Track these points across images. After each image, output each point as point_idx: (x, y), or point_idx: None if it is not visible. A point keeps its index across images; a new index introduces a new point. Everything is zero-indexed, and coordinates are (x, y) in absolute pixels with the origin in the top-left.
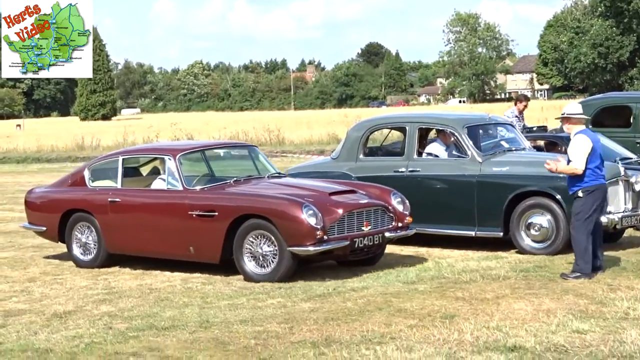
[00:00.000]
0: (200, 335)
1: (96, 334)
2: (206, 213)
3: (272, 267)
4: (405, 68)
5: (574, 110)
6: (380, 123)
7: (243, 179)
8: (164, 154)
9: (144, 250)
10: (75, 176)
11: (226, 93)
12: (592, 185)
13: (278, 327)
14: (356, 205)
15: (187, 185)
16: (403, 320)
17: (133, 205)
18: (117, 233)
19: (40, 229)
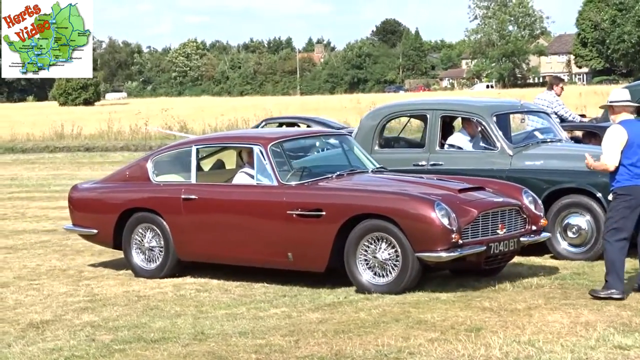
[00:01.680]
0: (194, 349)
1: (77, 346)
2: (311, 213)
3: (393, 276)
4: (425, 48)
5: (617, 97)
6: (397, 110)
7: (346, 172)
8: (252, 142)
9: (227, 257)
10: (135, 169)
11: (223, 76)
12: (624, 186)
13: (282, 340)
14: (491, 205)
15: (282, 180)
16: (423, 333)
17: (214, 203)
18: (191, 237)
19: (89, 231)
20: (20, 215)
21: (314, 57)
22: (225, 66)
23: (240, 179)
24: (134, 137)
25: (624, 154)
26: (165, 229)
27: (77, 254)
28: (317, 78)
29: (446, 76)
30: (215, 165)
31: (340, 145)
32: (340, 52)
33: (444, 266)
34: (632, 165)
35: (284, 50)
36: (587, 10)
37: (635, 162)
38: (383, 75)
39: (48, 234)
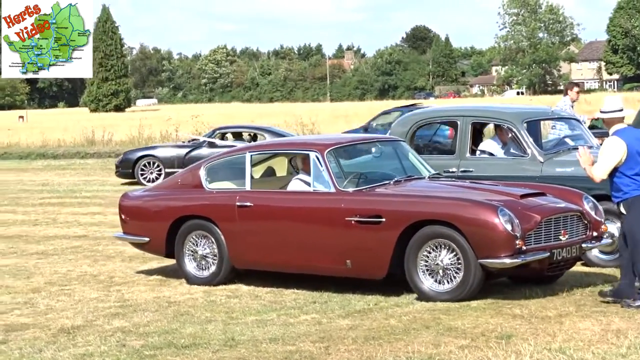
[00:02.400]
0: (224, 355)
1: (108, 352)
2: (370, 219)
3: (455, 283)
4: (455, 55)
5: (608, 107)
6: (428, 117)
7: (404, 178)
8: (308, 149)
9: (283, 264)
10: (188, 176)
11: (253, 82)
12: (633, 196)
13: (312, 346)
14: (554, 211)
15: (339, 186)
16: (453, 340)
17: (270, 210)
18: (247, 244)
19: (141, 239)
20: (51, 220)
21: (344, 64)
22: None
23: (295, 186)
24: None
25: (626, 164)
26: (219, 236)
27: (108, 260)
28: (347, 84)
29: (476, 83)
30: (266, 173)
31: (395, 152)
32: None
33: (506, 273)
34: (637, 175)
35: (314, 56)
36: (617, 17)
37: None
38: (413, 82)
39: (79, 239)
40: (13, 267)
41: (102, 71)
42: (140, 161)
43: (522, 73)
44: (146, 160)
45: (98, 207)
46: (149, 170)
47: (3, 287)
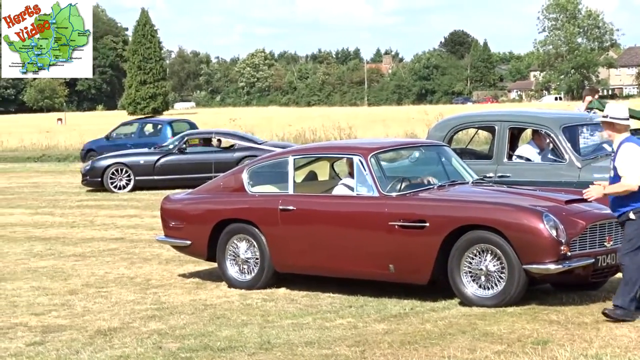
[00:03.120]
0: (260, 358)
1: (144, 354)
2: (414, 224)
3: (499, 289)
4: (494, 60)
5: (619, 114)
6: (465, 122)
7: (447, 183)
8: (351, 152)
9: (326, 268)
10: (230, 179)
11: (291, 86)
12: None
13: (348, 350)
14: (599, 217)
15: (383, 190)
16: (489, 346)
17: (313, 214)
18: (289, 248)
19: (183, 242)
20: (88, 223)
21: (381, 68)
22: (293, 77)
23: (340, 190)
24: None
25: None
26: (261, 240)
27: (144, 262)
28: (384, 89)
29: (514, 88)
30: (308, 177)
31: (438, 157)
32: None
33: (550, 279)
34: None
35: (352, 61)
36: None
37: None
38: (451, 87)
39: (116, 242)
40: (51, 269)
41: (141, 74)
42: (109, 169)
43: (560, 78)
44: (115, 167)
45: (135, 210)
46: (118, 177)
47: (41, 288)
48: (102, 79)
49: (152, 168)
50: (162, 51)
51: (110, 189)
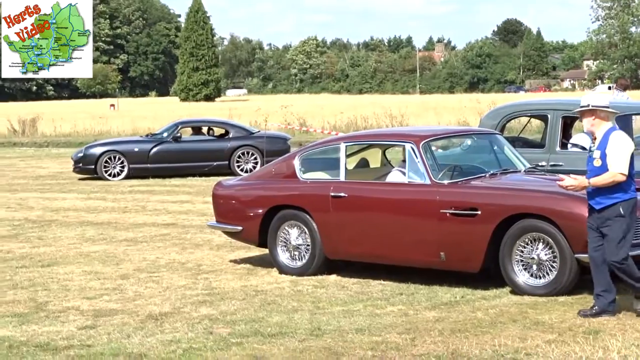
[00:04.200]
0: (310, 344)
1: (195, 339)
2: (465, 212)
3: (550, 278)
4: (547, 49)
5: (602, 102)
6: (518, 110)
7: (499, 172)
8: (403, 140)
9: (377, 256)
10: (282, 166)
11: (343, 73)
12: (633, 197)
13: (398, 337)
14: None
15: (435, 178)
16: (540, 335)
17: (364, 201)
18: (340, 235)
19: (234, 228)
20: (140, 208)
21: (434, 56)
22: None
23: (393, 177)
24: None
25: (631, 163)
26: (313, 226)
27: (196, 248)
28: (436, 77)
29: (567, 77)
30: (360, 164)
31: (491, 145)
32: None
33: None
34: (632, 177)
35: (404, 48)
36: None
37: (633, 173)
38: (503, 75)
39: (167, 227)
40: (102, 254)
41: (193, 61)
42: (102, 156)
43: (613, 68)
44: (109, 155)
45: (187, 196)
46: (112, 165)
47: (92, 273)
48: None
49: (147, 156)
50: (214, 38)
51: (104, 176)
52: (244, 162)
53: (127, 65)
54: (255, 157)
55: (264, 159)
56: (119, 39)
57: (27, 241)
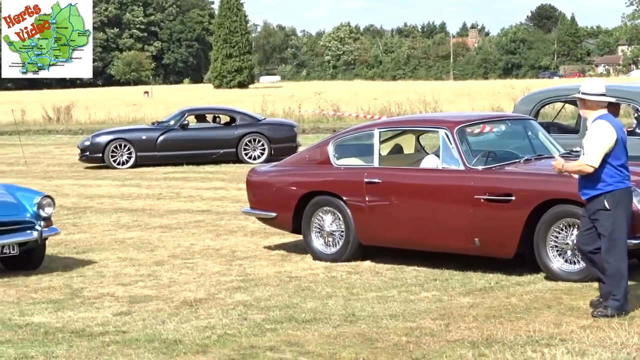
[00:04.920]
0: (345, 330)
1: (230, 325)
2: (499, 197)
3: (585, 264)
4: (581, 34)
5: (592, 90)
6: (552, 96)
7: (533, 157)
8: (437, 126)
9: (411, 241)
10: (316, 152)
11: (377, 60)
12: (618, 189)
13: (433, 323)
14: None
15: (469, 164)
16: (575, 320)
17: (398, 187)
18: (374, 221)
19: (268, 215)
20: (175, 195)
21: (467, 42)
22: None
23: (427, 163)
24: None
25: (614, 153)
26: (347, 212)
27: (230, 234)
28: (470, 63)
29: (602, 62)
30: (394, 150)
31: (525, 131)
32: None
33: (638, 254)
34: (622, 166)
35: (438, 34)
36: None
37: (624, 162)
38: (537, 61)
39: (202, 213)
40: (137, 240)
41: (227, 47)
42: (110, 144)
43: None
44: (117, 143)
45: (221, 182)
46: (119, 153)
47: (127, 259)
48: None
49: (154, 144)
50: (247, 25)
51: (112, 165)
52: (252, 149)
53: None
54: (262, 144)
55: (271, 146)
56: (153, 26)
57: (62, 228)
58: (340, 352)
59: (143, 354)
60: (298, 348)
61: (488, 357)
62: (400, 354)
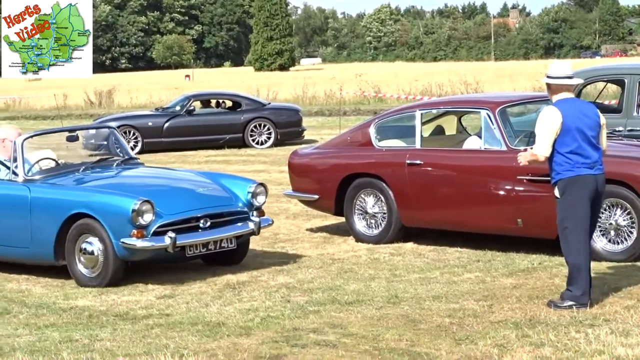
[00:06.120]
0: (387, 312)
1: (272, 307)
2: (542, 178)
3: (628, 244)
4: (623, 13)
5: (557, 73)
6: (594, 75)
7: None
8: (479, 106)
9: (453, 223)
10: (357, 134)
11: (417, 41)
12: (566, 177)
13: (476, 304)
14: None
15: (511, 144)
16: (619, 301)
17: (440, 169)
18: (416, 202)
19: (310, 197)
20: None
21: (508, 23)
22: (419, 32)
23: (470, 144)
24: (328, 102)
25: (560, 140)
26: (389, 194)
27: (272, 217)
28: (511, 43)
29: None
30: (435, 131)
31: None
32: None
33: None
34: (573, 153)
35: (479, 15)
36: None
37: (576, 149)
38: (579, 41)
39: None
40: None
41: (267, 30)
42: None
43: None
44: (123, 130)
45: (262, 165)
46: (126, 139)
47: None
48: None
49: (161, 130)
50: (288, 7)
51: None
52: (258, 134)
53: (201, 36)
54: (269, 128)
55: (277, 130)
56: (194, 10)
57: None
58: (384, 334)
59: (186, 337)
60: (341, 330)
61: (531, 337)
62: (443, 335)
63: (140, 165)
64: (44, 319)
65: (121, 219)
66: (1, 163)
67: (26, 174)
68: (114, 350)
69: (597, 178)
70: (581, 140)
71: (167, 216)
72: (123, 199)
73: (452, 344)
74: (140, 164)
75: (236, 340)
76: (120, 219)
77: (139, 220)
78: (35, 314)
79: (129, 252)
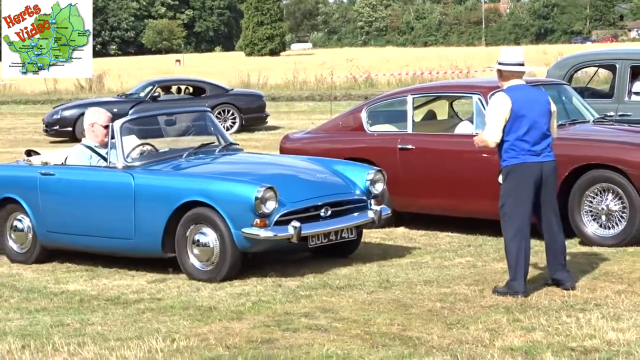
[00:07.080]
0: (379, 296)
1: (264, 291)
2: None
3: (619, 229)
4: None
5: (508, 59)
6: (585, 60)
7: (568, 122)
8: (470, 91)
9: (445, 207)
10: (349, 119)
11: (408, 26)
12: (509, 164)
13: (467, 289)
14: None
15: None
16: (610, 285)
17: (432, 153)
18: (407, 187)
19: None
20: None
21: (499, 8)
22: (410, 17)
23: (462, 129)
24: (319, 87)
25: (510, 127)
26: None
27: None
28: (502, 29)
29: (635, 27)
30: (427, 116)
31: (559, 96)
32: (526, 3)
33: None
34: (520, 140)
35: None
36: None
37: (523, 136)
38: (570, 26)
39: None
40: None
41: (258, 15)
42: (81, 118)
43: None
44: None
45: (254, 150)
46: None
47: None
48: (220, 20)
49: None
50: None
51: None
52: (222, 120)
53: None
54: (233, 114)
55: (242, 116)
56: None
57: None
58: (375, 318)
59: (178, 321)
60: (332, 314)
61: (522, 322)
62: (435, 319)
63: (240, 150)
64: (35, 303)
65: (243, 207)
66: (92, 149)
67: (126, 160)
68: (105, 334)
69: (543, 165)
70: (530, 128)
71: (290, 204)
72: (245, 186)
73: (444, 328)
74: (240, 150)
75: (228, 325)
76: (241, 207)
77: (262, 208)
78: (27, 298)
79: (250, 243)
